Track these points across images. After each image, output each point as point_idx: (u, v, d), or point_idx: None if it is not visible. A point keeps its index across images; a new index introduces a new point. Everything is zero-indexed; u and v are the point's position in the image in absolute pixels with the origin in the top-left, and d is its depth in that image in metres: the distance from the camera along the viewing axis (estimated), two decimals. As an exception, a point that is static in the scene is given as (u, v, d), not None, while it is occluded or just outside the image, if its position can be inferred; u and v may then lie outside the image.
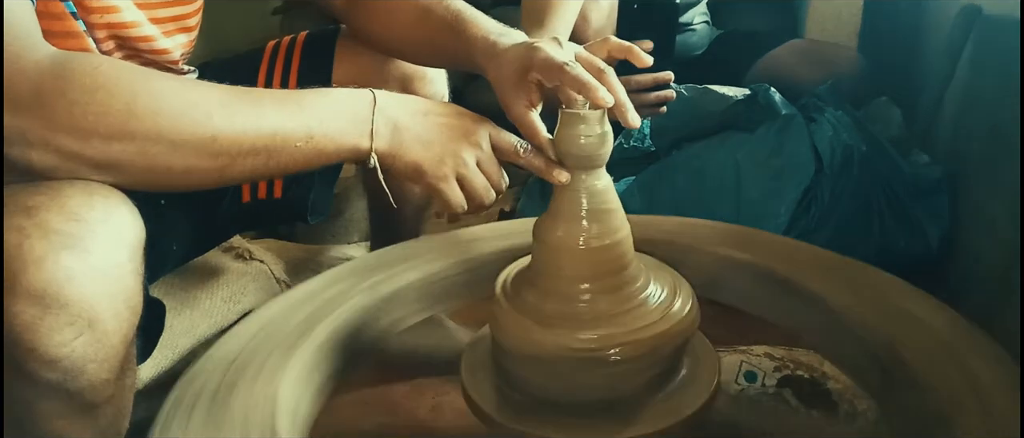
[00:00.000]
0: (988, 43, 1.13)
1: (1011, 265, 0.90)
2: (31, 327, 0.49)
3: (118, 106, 0.52)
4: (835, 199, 1.11)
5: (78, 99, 0.51)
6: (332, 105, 0.64)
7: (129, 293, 0.54)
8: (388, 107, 0.66)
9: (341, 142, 0.63)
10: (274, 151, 0.60)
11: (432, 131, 0.67)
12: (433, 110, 0.69)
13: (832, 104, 1.19)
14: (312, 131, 0.61)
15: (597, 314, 0.61)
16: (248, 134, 0.58)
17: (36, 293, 0.48)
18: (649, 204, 1.19)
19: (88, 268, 0.50)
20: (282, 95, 0.62)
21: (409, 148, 0.66)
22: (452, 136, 0.67)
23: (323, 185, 0.92)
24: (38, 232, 0.49)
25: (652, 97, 1.18)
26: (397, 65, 0.89)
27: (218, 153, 0.57)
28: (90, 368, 0.52)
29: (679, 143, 1.26)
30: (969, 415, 0.53)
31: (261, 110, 0.59)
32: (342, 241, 1.42)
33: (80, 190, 0.53)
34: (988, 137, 1.06)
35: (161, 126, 0.54)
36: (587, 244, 0.62)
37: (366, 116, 0.64)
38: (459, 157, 0.67)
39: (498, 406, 0.65)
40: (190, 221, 0.86)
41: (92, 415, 0.55)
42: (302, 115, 0.61)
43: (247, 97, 0.60)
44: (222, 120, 0.57)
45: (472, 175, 0.68)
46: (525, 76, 0.68)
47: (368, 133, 0.64)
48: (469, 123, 0.69)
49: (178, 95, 0.56)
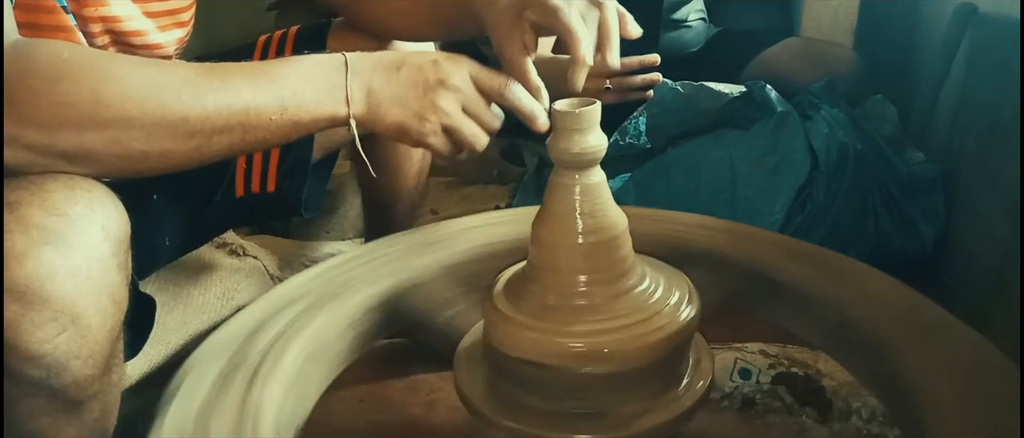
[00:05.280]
0: (984, 41, 1.13)
1: (1006, 264, 0.90)
2: (12, 323, 0.48)
3: (84, 95, 0.52)
4: (830, 197, 1.11)
5: (42, 90, 0.50)
6: (304, 73, 0.62)
7: (114, 288, 0.53)
8: (362, 71, 0.64)
9: (317, 112, 0.62)
10: (249, 127, 0.59)
11: (407, 87, 0.64)
12: (406, 62, 0.65)
13: (828, 102, 1.19)
14: (285, 103, 0.60)
15: (593, 312, 0.61)
16: (220, 112, 0.57)
17: (17, 289, 0.48)
18: (644, 201, 1.19)
19: (71, 264, 0.50)
20: (253, 67, 0.61)
21: (387, 110, 0.64)
22: (428, 87, 0.64)
23: (317, 179, 0.92)
24: (19, 227, 0.48)
25: (638, 80, 1.18)
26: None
27: (191, 133, 0.56)
28: (74, 364, 0.51)
29: (675, 140, 1.26)
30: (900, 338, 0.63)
31: (231, 86, 0.58)
32: (336, 237, 1.41)
33: (62, 184, 0.52)
34: (983, 136, 1.06)
35: (129, 112, 0.53)
36: (584, 240, 0.62)
37: (339, 82, 0.63)
38: (439, 108, 0.64)
39: (492, 403, 0.65)
40: (182, 215, 0.86)
41: (77, 412, 0.55)
42: (274, 87, 0.60)
43: (216, 73, 0.58)
44: (191, 100, 0.56)
45: (458, 124, 0.65)
46: (520, 14, 0.67)
47: (343, 99, 0.63)
48: (446, 68, 0.65)
49: (145, 78, 0.55)
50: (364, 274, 0.77)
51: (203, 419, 0.56)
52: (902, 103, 1.32)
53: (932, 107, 1.29)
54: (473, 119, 0.66)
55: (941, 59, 1.24)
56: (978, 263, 1.00)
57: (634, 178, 1.23)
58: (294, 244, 1.30)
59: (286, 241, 1.32)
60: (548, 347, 0.60)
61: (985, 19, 1.14)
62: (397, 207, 1.04)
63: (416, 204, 1.07)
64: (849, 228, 1.11)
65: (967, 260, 1.06)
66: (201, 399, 0.58)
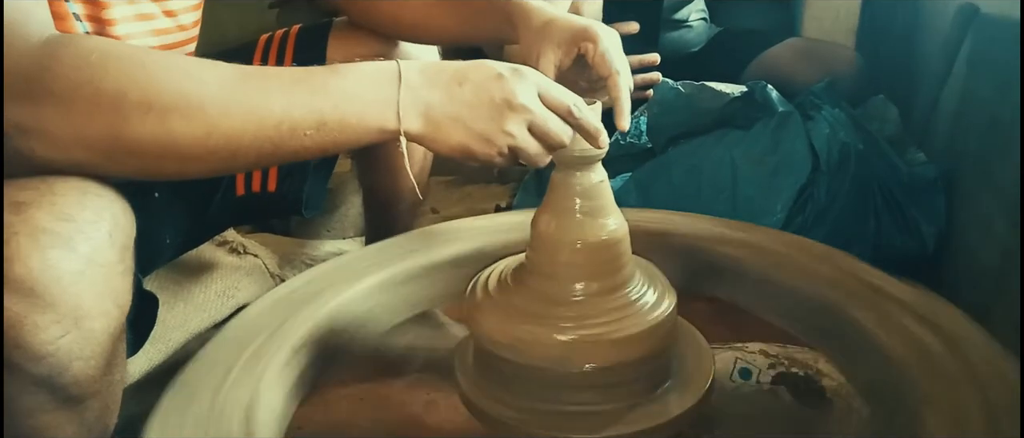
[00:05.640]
0: (985, 42, 1.13)
1: (1007, 263, 0.90)
2: (16, 323, 0.48)
3: (106, 103, 0.50)
4: (831, 197, 1.11)
5: (66, 94, 0.49)
6: (351, 86, 0.57)
7: (118, 292, 0.53)
8: (416, 84, 0.58)
9: (359, 128, 0.57)
10: (280, 143, 0.55)
11: (471, 106, 0.58)
12: (469, 77, 0.59)
13: (829, 102, 1.19)
14: (324, 118, 0.55)
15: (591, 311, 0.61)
16: (248, 129, 0.53)
17: (23, 291, 0.48)
18: (645, 201, 1.19)
19: (76, 269, 0.50)
20: (294, 77, 0.56)
21: (449, 131, 0.59)
22: (494, 108, 0.58)
23: (317, 179, 0.92)
24: (26, 230, 0.48)
25: (639, 79, 1.18)
26: (394, 54, 0.88)
27: (214, 150, 0.53)
28: (76, 365, 0.52)
29: (676, 140, 1.26)
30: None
31: (265, 98, 0.54)
32: (337, 236, 1.41)
33: (73, 188, 0.52)
34: (985, 135, 1.06)
35: (152, 126, 0.51)
36: (583, 240, 0.62)
37: (391, 96, 0.57)
38: (507, 133, 0.59)
39: (490, 401, 0.64)
40: (184, 214, 0.86)
41: (77, 410, 0.55)
42: (313, 101, 0.55)
43: (251, 83, 0.54)
44: (218, 113, 0.52)
45: (524, 145, 0.60)
46: (574, 41, 0.68)
47: (395, 114, 0.57)
48: (513, 86, 0.59)
49: (172, 85, 0.52)
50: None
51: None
52: (903, 103, 1.32)
53: (933, 107, 1.29)
54: (539, 139, 0.60)
55: (942, 60, 1.24)
56: (978, 263, 1.00)
57: (635, 178, 1.23)
58: (294, 242, 1.30)
59: (286, 239, 1.32)
60: (548, 347, 0.60)
61: (986, 20, 1.14)
62: (398, 206, 1.04)
63: (417, 203, 1.07)
64: (850, 228, 1.11)
65: (968, 260, 1.06)
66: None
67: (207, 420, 0.56)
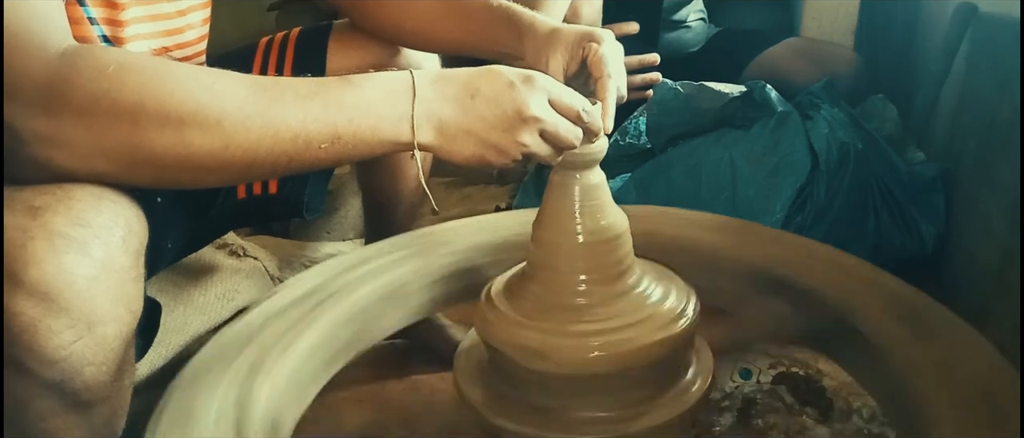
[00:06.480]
0: (984, 41, 1.13)
1: (1006, 263, 0.90)
2: (30, 327, 0.48)
3: (124, 115, 0.50)
4: (831, 196, 1.11)
5: (85, 106, 0.50)
6: (365, 99, 0.57)
7: (130, 298, 0.54)
8: (429, 98, 0.59)
9: (372, 141, 0.58)
10: (296, 155, 0.55)
11: (483, 119, 0.59)
12: (480, 89, 0.60)
13: (828, 101, 1.19)
14: (339, 132, 0.56)
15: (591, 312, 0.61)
16: (264, 143, 0.54)
17: (37, 295, 0.48)
18: (644, 201, 1.19)
19: (91, 274, 0.50)
20: (309, 90, 0.56)
21: (463, 144, 0.60)
22: (507, 120, 0.59)
23: (318, 181, 0.92)
24: (42, 234, 0.48)
25: (638, 80, 1.19)
26: (395, 59, 0.88)
27: (230, 162, 0.54)
28: (88, 370, 0.52)
29: (675, 140, 1.26)
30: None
31: (281, 112, 0.54)
32: (336, 238, 1.41)
33: (89, 193, 0.52)
34: (984, 135, 1.06)
35: (170, 139, 0.51)
36: (583, 240, 0.62)
37: (404, 110, 0.58)
38: (521, 143, 0.60)
39: (491, 403, 0.65)
40: (185, 218, 0.86)
41: (87, 415, 0.55)
42: (328, 114, 0.56)
43: (267, 96, 0.55)
44: (235, 127, 0.53)
45: (536, 150, 0.61)
46: (580, 43, 0.69)
47: (409, 128, 0.58)
48: (524, 96, 0.59)
49: (189, 98, 0.52)
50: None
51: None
52: (902, 103, 1.32)
53: (932, 107, 1.29)
54: (550, 143, 0.62)
55: (942, 59, 1.24)
56: (978, 263, 1.00)
57: (634, 178, 1.23)
58: (294, 245, 1.30)
59: (286, 242, 1.32)
60: (547, 347, 0.60)
61: (985, 19, 1.14)
62: (398, 208, 1.04)
63: (416, 205, 1.07)
64: (849, 227, 1.11)
65: (967, 260, 1.06)
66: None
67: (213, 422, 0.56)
